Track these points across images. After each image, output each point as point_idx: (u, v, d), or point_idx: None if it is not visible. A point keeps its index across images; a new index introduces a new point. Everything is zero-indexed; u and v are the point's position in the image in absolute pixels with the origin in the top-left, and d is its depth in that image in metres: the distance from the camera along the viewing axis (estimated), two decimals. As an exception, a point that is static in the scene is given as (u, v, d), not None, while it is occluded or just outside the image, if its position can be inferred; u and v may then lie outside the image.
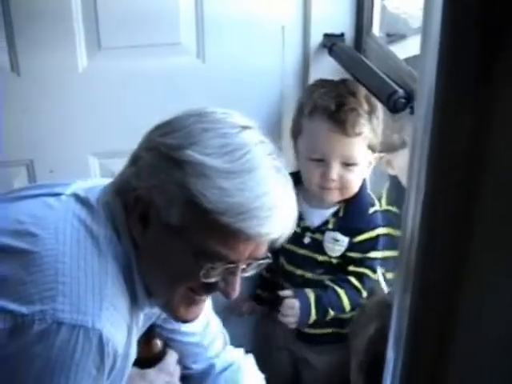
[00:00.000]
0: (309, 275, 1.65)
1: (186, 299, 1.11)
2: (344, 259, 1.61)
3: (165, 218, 1.03)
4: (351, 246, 1.60)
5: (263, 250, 1.07)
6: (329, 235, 1.60)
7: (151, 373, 1.32)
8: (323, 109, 1.50)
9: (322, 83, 1.59)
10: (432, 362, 0.47)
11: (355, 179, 1.55)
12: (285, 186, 1.06)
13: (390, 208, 1.73)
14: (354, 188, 1.56)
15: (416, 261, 0.44)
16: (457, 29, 0.35)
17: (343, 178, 1.53)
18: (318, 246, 1.61)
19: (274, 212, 1.02)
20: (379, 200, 1.70)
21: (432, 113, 0.37)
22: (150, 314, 1.23)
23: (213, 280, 1.06)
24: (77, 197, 1.13)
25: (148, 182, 1.04)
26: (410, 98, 1.27)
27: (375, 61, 1.51)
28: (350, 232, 1.59)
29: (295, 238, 1.50)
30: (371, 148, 1.53)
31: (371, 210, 1.61)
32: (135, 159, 1.10)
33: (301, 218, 1.51)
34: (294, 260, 1.65)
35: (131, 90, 1.67)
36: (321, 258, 1.62)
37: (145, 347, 1.26)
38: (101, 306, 1.02)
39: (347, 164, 1.52)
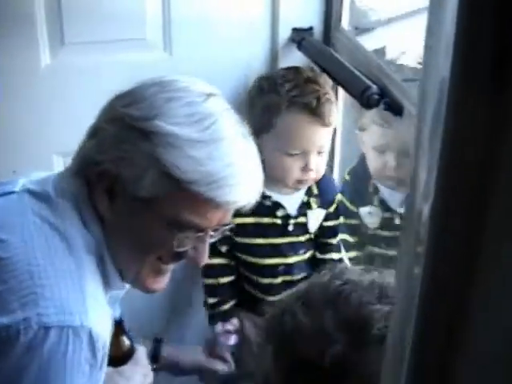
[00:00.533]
0: (293, 259, 1.66)
1: (155, 269, 1.11)
2: (321, 230, 1.70)
3: (134, 191, 1.02)
4: (326, 217, 1.70)
5: (230, 216, 1.09)
6: (312, 215, 1.65)
7: (127, 369, 1.30)
8: (303, 104, 1.50)
9: (285, 75, 1.57)
10: (441, 354, 0.47)
11: (324, 162, 1.61)
12: (252, 154, 1.07)
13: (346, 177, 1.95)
14: (323, 170, 1.62)
15: (426, 253, 0.43)
16: (472, 25, 0.33)
17: (318, 165, 1.57)
18: (301, 229, 1.66)
19: (243, 179, 1.03)
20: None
21: (445, 110, 0.35)
22: (115, 296, 1.20)
23: (185, 249, 1.07)
24: (30, 192, 1.09)
25: (113, 154, 1.02)
26: (382, 93, 1.26)
27: (345, 55, 1.50)
28: (326, 204, 1.69)
29: (279, 230, 1.60)
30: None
31: (333, 180, 1.78)
32: (95, 131, 1.07)
33: (277, 208, 1.60)
34: (277, 251, 1.66)
35: (96, 87, 1.63)
36: (303, 238, 1.67)
37: (114, 346, 1.24)
38: (84, 302, 1.00)
39: (320, 152, 1.56)
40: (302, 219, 1.65)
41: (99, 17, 1.55)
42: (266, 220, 1.61)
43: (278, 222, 1.62)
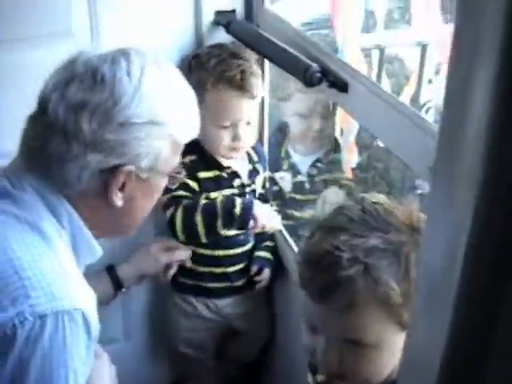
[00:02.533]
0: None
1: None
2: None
3: (149, 174, 1.14)
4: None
5: None
6: (258, 180, 1.81)
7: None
8: (229, 80, 1.58)
9: (210, 52, 1.64)
10: (474, 358, 0.52)
11: (254, 132, 1.73)
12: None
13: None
14: (254, 139, 1.75)
15: (465, 260, 0.50)
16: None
17: (247, 135, 1.67)
18: (252, 195, 1.78)
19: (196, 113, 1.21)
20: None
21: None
22: None
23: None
24: None
25: (130, 155, 1.09)
26: (324, 71, 1.32)
27: (273, 35, 1.54)
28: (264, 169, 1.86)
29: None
30: None
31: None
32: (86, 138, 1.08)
33: (234, 178, 1.74)
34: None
35: (24, 86, 1.58)
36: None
37: None
38: (70, 285, 1.03)
39: (248, 122, 1.66)
40: (253, 186, 1.77)
41: (28, 13, 1.52)
42: (226, 191, 1.70)
43: (236, 191, 1.71)
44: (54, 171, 1.09)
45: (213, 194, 1.68)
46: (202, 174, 1.68)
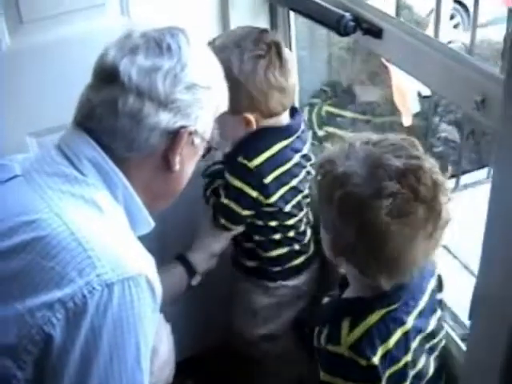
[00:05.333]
0: None
1: None
2: None
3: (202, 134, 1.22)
4: None
5: None
6: None
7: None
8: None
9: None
10: None
11: None
12: None
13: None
14: None
15: None
16: None
17: None
18: None
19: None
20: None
21: None
22: None
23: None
24: (37, 171, 1.14)
25: (192, 115, 1.18)
26: (357, 19, 1.35)
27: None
28: None
29: None
30: None
31: None
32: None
33: None
34: None
35: (60, 62, 1.63)
36: None
37: None
38: (131, 252, 1.07)
39: None
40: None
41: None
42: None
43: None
44: (122, 134, 1.14)
45: None
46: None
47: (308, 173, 1.69)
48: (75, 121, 1.19)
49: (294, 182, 1.65)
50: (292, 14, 1.78)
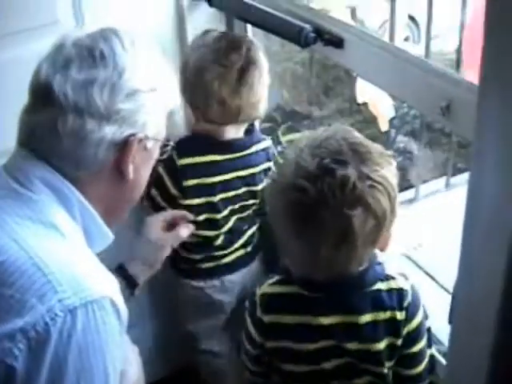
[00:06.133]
0: None
1: None
2: None
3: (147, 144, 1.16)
4: None
5: None
6: None
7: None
8: None
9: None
10: None
11: None
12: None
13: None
14: None
15: None
16: None
17: None
18: None
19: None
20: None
21: None
22: None
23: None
24: None
25: (139, 122, 1.13)
26: (317, 31, 1.35)
27: (259, 2, 1.54)
28: None
29: None
30: None
31: None
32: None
33: None
34: None
35: (15, 82, 1.58)
36: None
37: None
38: (93, 274, 1.03)
39: None
40: None
41: (9, 7, 1.50)
42: None
43: None
44: (67, 154, 1.09)
45: None
46: None
47: (250, 192, 1.71)
48: (19, 142, 1.15)
49: (216, 198, 1.67)
50: (249, 26, 1.78)
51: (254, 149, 1.69)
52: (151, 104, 1.14)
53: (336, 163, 1.09)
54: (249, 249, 1.80)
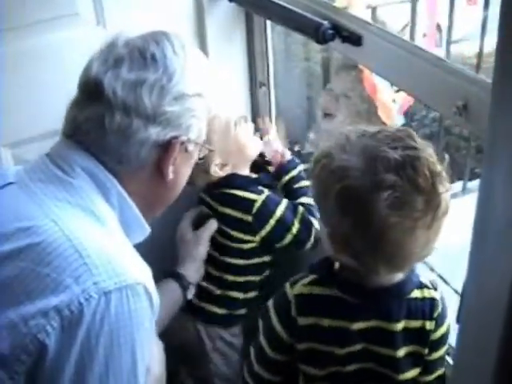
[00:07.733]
0: None
1: None
2: None
3: (188, 147, 1.21)
4: None
5: None
6: None
7: None
8: None
9: None
10: None
11: None
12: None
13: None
14: None
15: None
16: None
17: None
18: None
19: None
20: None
21: None
22: None
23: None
24: (31, 179, 1.12)
25: (184, 125, 1.17)
26: (336, 27, 1.34)
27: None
28: None
29: None
30: None
31: None
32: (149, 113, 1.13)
33: None
34: None
35: (34, 72, 1.59)
36: None
37: None
38: (128, 260, 1.05)
39: None
40: None
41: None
42: None
43: None
44: (111, 150, 1.13)
45: None
46: None
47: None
48: (64, 134, 1.18)
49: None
50: (269, 22, 1.77)
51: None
52: (197, 108, 1.18)
53: (410, 149, 1.11)
54: None
